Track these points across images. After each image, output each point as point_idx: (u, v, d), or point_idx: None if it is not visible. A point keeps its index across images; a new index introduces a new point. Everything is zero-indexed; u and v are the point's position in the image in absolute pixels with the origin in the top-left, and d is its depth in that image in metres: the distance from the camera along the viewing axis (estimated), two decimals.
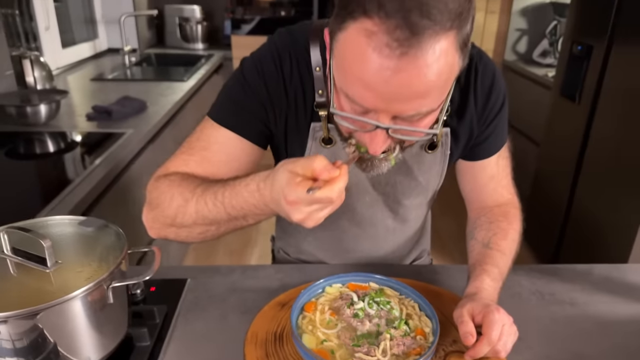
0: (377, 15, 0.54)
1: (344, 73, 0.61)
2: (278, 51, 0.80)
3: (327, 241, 1.00)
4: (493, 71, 0.85)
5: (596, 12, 2.12)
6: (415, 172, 0.90)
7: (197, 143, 0.83)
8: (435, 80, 0.57)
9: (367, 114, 0.63)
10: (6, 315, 0.60)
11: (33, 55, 2.12)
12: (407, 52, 0.54)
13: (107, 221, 0.77)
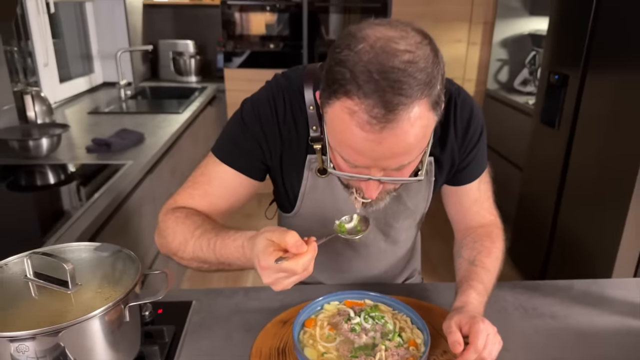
0: (357, 95, 0.64)
1: (335, 140, 0.72)
2: (273, 95, 0.89)
3: (324, 263, 1.06)
4: (471, 106, 0.94)
5: (570, 44, 2.25)
6: (404, 198, 0.98)
7: (201, 178, 0.93)
8: (413, 142, 0.68)
9: (359, 169, 0.73)
10: (33, 332, 0.65)
11: (34, 91, 2.19)
12: (386, 126, 0.64)
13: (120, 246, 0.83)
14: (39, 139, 1.85)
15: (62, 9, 2.99)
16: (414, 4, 3.37)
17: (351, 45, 0.66)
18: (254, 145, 0.89)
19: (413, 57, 0.64)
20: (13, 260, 0.80)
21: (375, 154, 0.68)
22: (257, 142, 0.89)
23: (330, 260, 1.07)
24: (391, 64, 0.63)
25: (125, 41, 3.37)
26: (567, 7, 2.30)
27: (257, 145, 0.89)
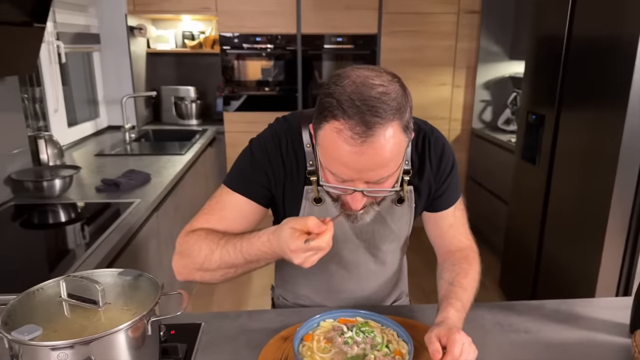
0: (342, 118, 0.81)
1: (325, 157, 0.87)
2: (277, 134, 1.04)
3: (318, 284, 1.18)
4: (443, 142, 1.10)
5: (545, 86, 2.44)
6: (389, 222, 1.11)
7: (216, 205, 1.06)
8: (389, 155, 0.83)
9: (346, 182, 0.87)
10: (71, 342, 0.76)
11: (47, 135, 2.34)
12: (366, 140, 0.80)
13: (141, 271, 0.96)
14: (52, 180, 1.98)
15: (71, 58, 3.18)
16: (401, 50, 3.60)
17: (337, 82, 0.84)
18: (261, 175, 1.04)
19: (386, 89, 0.82)
20: (48, 284, 0.91)
21: (358, 165, 0.83)
22: (264, 172, 1.03)
23: (324, 281, 1.18)
24: (369, 94, 0.81)
25: (130, 87, 3.56)
26: (540, 52, 2.51)
27: (264, 175, 1.04)
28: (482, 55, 3.62)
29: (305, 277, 1.20)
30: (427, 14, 3.56)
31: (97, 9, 3.40)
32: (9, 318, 0.81)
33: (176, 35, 3.99)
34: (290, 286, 1.25)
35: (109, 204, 1.93)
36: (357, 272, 1.17)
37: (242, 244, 0.93)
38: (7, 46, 1.76)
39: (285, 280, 1.26)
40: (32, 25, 1.81)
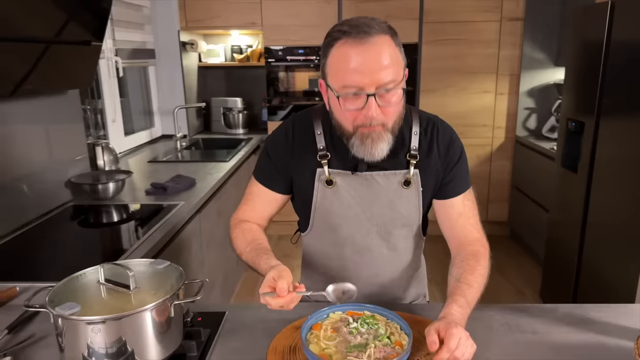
0: (344, 36, 0.98)
1: (339, 74, 1.00)
2: (286, 129, 1.20)
3: (335, 270, 1.26)
4: (451, 133, 1.19)
5: (585, 93, 2.40)
6: (398, 205, 1.18)
7: (249, 195, 1.26)
8: (389, 57, 0.97)
9: (359, 94, 0.98)
10: (104, 317, 0.88)
11: (104, 143, 2.56)
12: (366, 41, 0.96)
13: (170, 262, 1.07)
14: (106, 184, 2.18)
15: (128, 72, 3.44)
16: (443, 59, 3.62)
17: (335, 26, 1.03)
18: (275, 168, 1.20)
19: (374, 19, 1.00)
20: (89, 270, 1.05)
21: (365, 65, 0.96)
22: (277, 165, 1.20)
23: (340, 268, 1.26)
24: (362, 20, 0.99)
25: (182, 99, 3.79)
26: (580, 59, 2.47)
27: (278, 168, 1.20)
28: (525, 62, 3.57)
29: (324, 265, 1.29)
30: (469, 22, 3.56)
31: (153, 26, 3.66)
32: (54, 297, 0.94)
33: (225, 49, 4.21)
34: (309, 280, 1.34)
35: (156, 205, 2.09)
36: (370, 256, 1.23)
37: (254, 261, 1.12)
38: (68, 63, 1.96)
39: (307, 275, 1.36)
40: (90, 44, 2.02)
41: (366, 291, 1.26)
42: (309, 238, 1.28)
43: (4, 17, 1.54)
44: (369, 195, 1.16)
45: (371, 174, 1.15)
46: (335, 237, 1.23)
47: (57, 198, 2.11)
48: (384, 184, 1.16)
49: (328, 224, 1.21)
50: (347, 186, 1.16)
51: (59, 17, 1.79)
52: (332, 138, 1.16)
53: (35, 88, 1.86)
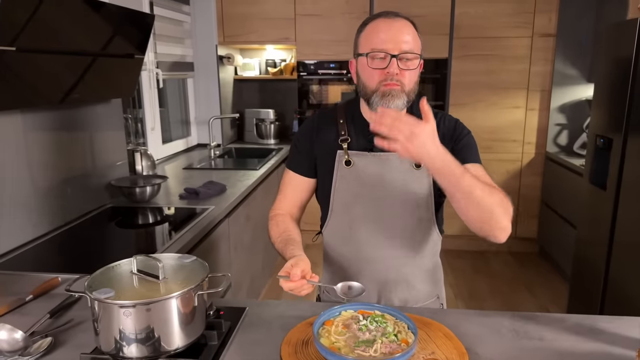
0: (377, 18, 1.22)
1: (371, 40, 1.20)
2: (312, 119, 1.39)
3: (351, 255, 1.35)
4: (455, 119, 1.32)
5: (614, 110, 2.39)
6: (410, 184, 1.28)
7: (281, 186, 1.42)
8: (411, 34, 1.19)
9: (385, 56, 1.17)
10: (134, 302, 0.98)
11: (142, 149, 2.72)
12: (394, 19, 1.20)
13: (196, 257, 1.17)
14: (143, 187, 2.31)
15: (168, 83, 3.63)
16: (473, 73, 3.65)
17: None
18: (302, 153, 1.37)
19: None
20: (124, 262, 1.15)
21: (392, 31, 1.18)
22: (304, 151, 1.37)
23: (356, 252, 1.34)
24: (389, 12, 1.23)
25: (217, 109, 3.95)
26: (610, 76, 2.46)
27: (304, 153, 1.37)
28: (557, 78, 3.56)
29: (341, 254, 1.38)
30: (501, 37, 3.59)
31: (192, 40, 3.84)
32: (92, 283, 1.05)
33: (260, 62, 4.36)
34: (330, 267, 1.42)
35: (188, 209, 2.21)
36: (385, 236, 1.31)
37: (283, 250, 1.26)
38: (112, 74, 2.12)
39: (327, 262, 1.44)
40: (133, 56, 2.17)
41: (382, 277, 1.34)
42: (328, 229, 1.37)
43: (56, 31, 1.70)
44: (383, 175, 1.28)
45: (386, 154, 1.27)
46: (351, 218, 1.32)
47: (98, 200, 2.26)
48: (397, 164, 1.27)
49: (345, 203, 1.32)
50: (364, 166, 1.29)
51: (106, 32, 1.95)
52: (352, 126, 1.32)
53: (82, 97, 2.01)
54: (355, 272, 1.36)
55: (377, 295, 1.36)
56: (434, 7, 3.58)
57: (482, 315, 1.25)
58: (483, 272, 3.64)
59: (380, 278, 1.34)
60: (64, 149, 2.02)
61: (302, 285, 1.08)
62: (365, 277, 1.35)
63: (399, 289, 1.35)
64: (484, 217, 1.08)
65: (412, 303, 1.38)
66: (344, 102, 1.38)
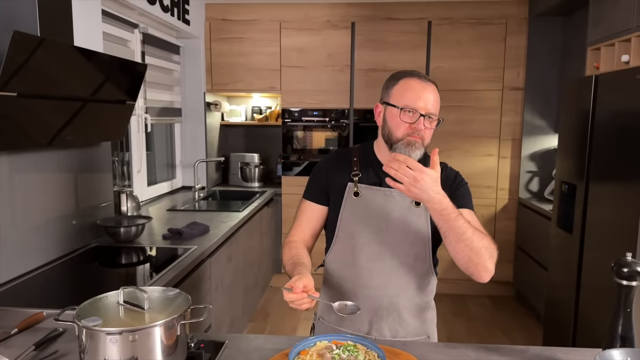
0: (411, 76, 1.38)
1: (405, 95, 1.35)
2: (329, 156, 1.56)
3: (350, 279, 1.44)
4: (456, 172, 1.49)
5: (576, 158, 2.56)
6: (409, 220, 1.40)
7: (297, 214, 1.54)
8: (437, 97, 1.36)
9: (415, 113, 1.33)
10: (120, 329, 1.04)
11: (128, 191, 2.79)
12: (427, 83, 1.36)
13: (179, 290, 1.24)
14: (128, 227, 2.37)
15: (156, 127, 3.74)
16: (447, 123, 3.84)
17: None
18: (318, 184, 1.51)
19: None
20: (111, 294, 1.22)
21: (423, 94, 1.33)
22: (319, 181, 1.51)
23: (354, 275, 1.43)
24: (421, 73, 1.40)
25: (203, 153, 4.06)
26: (571, 127, 2.65)
27: (320, 183, 1.51)
28: (527, 128, 3.77)
29: (341, 277, 1.47)
30: (472, 90, 3.82)
31: (181, 87, 4.00)
32: (81, 312, 1.11)
33: (247, 109, 4.53)
34: (328, 289, 1.51)
35: (171, 249, 2.27)
36: (382, 265, 1.41)
37: (292, 270, 1.34)
38: (104, 119, 2.23)
39: (326, 285, 1.53)
40: (124, 103, 2.29)
41: (375, 305, 1.43)
42: (332, 254, 1.49)
43: (51, 77, 1.80)
44: (387, 208, 1.41)
45: (390, 190, 1.40)
46: (354, 244, 1.43)
47: (83, 239, 2.31)
48: (399, 199, 1.40)
49: (350, 230, 1.43)
50: (370, 198, 1.42)
51: (99, 79, 2.07)
52: (365, 164, 1.47)
53: (71, 139, 2.10)
54: (352, 297, 1.44)
55: (368, 321, 1.44)
56: (410, 62, 3.81)
57: (449, 347, 1.33)
58: (461, 315, 3.70)
59: (375, 305, 1.43)
60: (50, 190, 2.08)
61: (303, 298, 1.15)
62: (360, 303, 1.42)
63: (390, 318, 1.43)
64: (472, 258, 1.25)
65: (402, 336, 1.45)
66: (359, 145, 1.55)
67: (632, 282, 1.15)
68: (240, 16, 3.99)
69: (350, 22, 3.89)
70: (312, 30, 3.93)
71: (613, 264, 1.17)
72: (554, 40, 3.71)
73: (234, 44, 4.02)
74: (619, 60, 2.40)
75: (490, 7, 3.78)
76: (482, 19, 3.78)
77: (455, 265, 1.32)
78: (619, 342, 1.17)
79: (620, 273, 1.15)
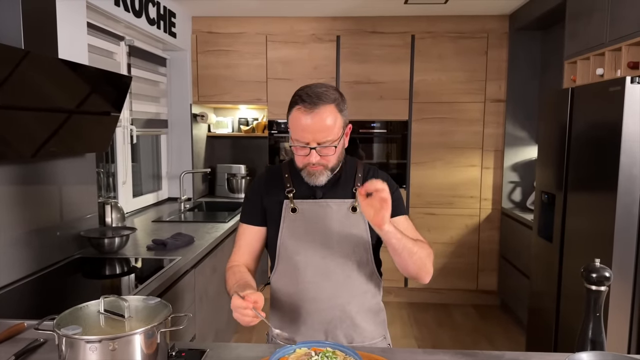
0: (300, 104, 1.32)
1: (293, 130, 1.35)
2: (260, 175, 1.57)
3: (298, 296, 1.44)
4: (386, 176, 1.50)
5: (554, 169, 2.62)
6: (348, 227, 1.43)
7: (237, 240, 1.53)
8: (329, 123, 1.32)
9: (305, 147, 1.33)
10: (100, 337, 1.05)
11: (113, 202, 2.79)
12: (312, 111, 1.31)
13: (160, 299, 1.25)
14: (112, 238, 2.38)
15: (142, 139, 3.75)
16: (431, 135, 3.91)
17: (300, 89, 1.37)
18: (253, 205, 1.51)
19: (327, 90, 1.35)
20: (92, 303, 1.23)
21: (310, 128, 1.31)
22: (254, 203, 1.50)
23: (302, 292, 1.43)
24: (316, 90, 1.33)
25: (189, 164, 4.07)
26: (550, 137, 2.72)
27: (255, 204, 1.50)
28: (508, 140, 3.84)
29: (289, 295, 1.47)
30: (455, 102, 3.89)
31: (167, 99, 4.02)
32: (61, 321, 1.12)
33: (233, 121, 4.55)
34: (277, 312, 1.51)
35: (155, 260, 2.27)
36: (328, 278, 1.42)
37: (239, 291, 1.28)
38: (89, 130, 2.24)
39: (274, 307, 1.53)
40: (109, 114, 2.30)
41: (328, 316, 1.43)
42: (276, 275, 1.48)
43: (32, 89, 1.80)
44: (325, 219, 1.43)
45: (326, 201, 1.44)
46: (298, 260, 1.43)
47: (66, 250, 2.31)
48: (335, 208, 1.43)
49: (292, 247, 1.44)
50: (308, 211, 1.44)
51: (84, 91, 2.09)
52: (296, 179, 1.47)
53: (56, 151, 2.11)
54: (302, 313, 1.45)
55: (324, 333, 1.45)
56: (394, 75, 3.88)
57: (427, 354, 1.36)
58: (446, 324, 3.72)
59: (327, 317, 1.44)
60: (34, 201, 2.08)
61: (248, 308, 1.17)
62: (312, 317, 1.45)
63: (343, 326, 1.45)
64: (419, 267, 1.35)
65: (359, 341, 1.47)
66: (288, 159, 1.54)
67: (601, 287, 1.18)
68: (227, 29, 4.03)
69: (335, 35, 3.95)
70: (298, 44, 3.99)
71: (582, 269, 1.21)
72: (533, 53, 3.81)
73: (221, 57, 4.05)
74: (594, 73, 2.48)
75: (471, 22, 3.86)
76: (463, 33, 3.87)
77: (439, 275, 1.38)
78: (590, 346, 1.21)
79: (590, 278, 1.19)
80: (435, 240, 3.97)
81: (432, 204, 3.96)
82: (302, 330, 1.46)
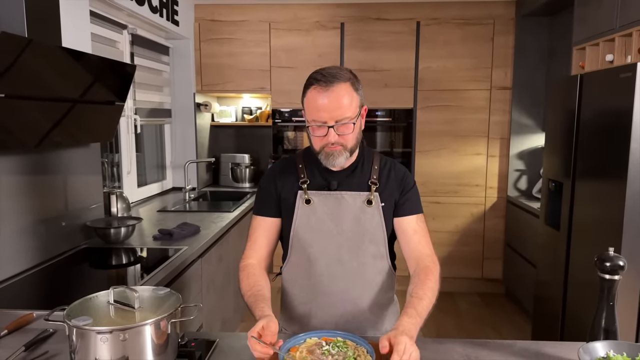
0: (315, 84, 1.30)
1: (309, 110, 1.32)
2: (275, 165, 1.52)
3: (310, 289, 1.43)
4: (405, 170, 1.48)
5: (562, 156, 2.60)
6: (363, 220, 1.40)
7: (250, 233, 1.49)
8: (344, 101, 1.29)
9: (323, 126, 1.30)
10: (111, 328, 1.05)
11: (118, 192, 2.78)
12: (328, 89, 1.28)
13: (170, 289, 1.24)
14: (118, 228, 2.37)
15: (145, 128, 3.73)
16: (436, 123, 3.88)
17: (314, 71, 1.34)
18: (267, 196, 1.47)
19: (341, 70, 1.33)
20: (101, 293, 1.22)
21: (326, 106, 1.28)
22: (269, 193, 1.47)
23: (315, 284, 1.42)
24: (330, 71, 1.31)
25: (194, 154, 4.06)
26: (557, 125, 2.69)
27: (269, 195, 1.46)
28: (514, 127, 3.81)
29: (301, 286, 1.46)
30: (460, 90, 3.85)
31: (171, 88, 3.99)
32: (71, 312, 1.11)
33: (237, 110, 4.53)
34: (288, 307, 1.50)
35: (162, 249, 2.27)
36: (342, 269, 1.41)
37: (253, 305, 1.31)
38: (93, 120, 2.22)
39: (284, 301, 1.52)
40: (114, 103, 2.28)
41: (340, 310, 1.42)
42: (288, 266, 1.46)
43: (36, 78, 1.79)
44: (339, 211, 1.40)
45: (341, 193, 1.41)
46: (310, 252, 1.42)
47: (73, 240, 2.30)
48: (350, 201, 1.40)
49: (305, 239, 1.42)
50: (322, 203, 1.41)
51: (88, 81, 2.07)
52: (310, 169, 1.44)
53: (62, 141, 2.09)
54: (314, 306, 1.44)
55: (335, 326, 1.44)
56: (399, 63, 3.84)
57: (436, 343, 1.35)
58: (451, 312, 3.73)
59: (338, 311, 1.43)
60: (39, 192, 2.08)
61: (269, 353, 1.12)
62: (323, 310, 1.44)
63: (356, 320, 1.44)
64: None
65: (371, 334, 1.46)
66: (302, 149, 1.51)
67: (615, 276, 1.17)
68: (230, 17, 3.99)
69: (339, 22, 3.91)
70: (302, 31, 3.95)
71: (596, 258, 1.19)
72: (540, 40, 3.76)
73: (224, 45, 4.02)
74: (603, 60, 2.45)
75: (477, 8, 3.81)
76: (469, 20, 3.82)
77: (444, 264, 1.37)
78: (603, 335, 1.20)
79: (603, 267, 1.18)
80: (440, 229, 3.96)
81: (438, 192, 3.95)
82: (313, 323, 1.45)
